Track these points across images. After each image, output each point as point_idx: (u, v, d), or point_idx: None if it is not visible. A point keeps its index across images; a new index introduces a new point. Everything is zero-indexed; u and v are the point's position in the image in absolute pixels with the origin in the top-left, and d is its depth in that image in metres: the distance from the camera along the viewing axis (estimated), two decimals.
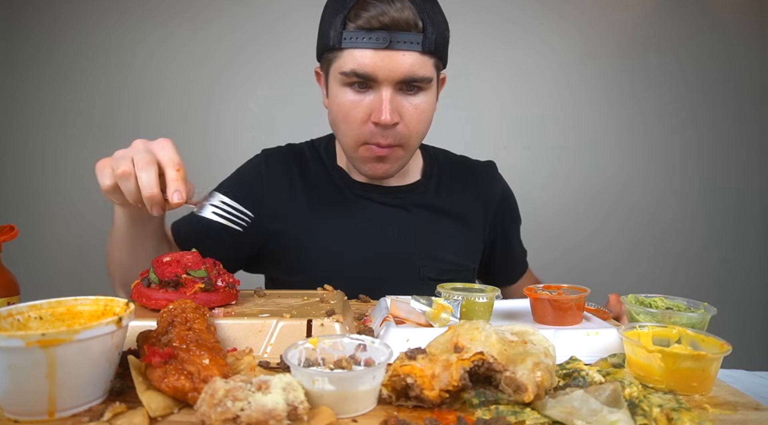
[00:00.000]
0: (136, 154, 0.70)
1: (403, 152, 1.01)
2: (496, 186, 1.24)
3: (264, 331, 0.63)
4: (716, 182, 2.42)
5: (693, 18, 2.37)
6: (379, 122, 0.93)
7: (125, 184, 0.70)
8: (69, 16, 2.34)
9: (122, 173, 0.69)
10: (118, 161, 0.70)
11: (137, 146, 0.71)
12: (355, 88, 0.94)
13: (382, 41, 0.88)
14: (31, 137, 2.38)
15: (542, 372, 0.50)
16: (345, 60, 0.92)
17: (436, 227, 1.14)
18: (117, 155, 0.71)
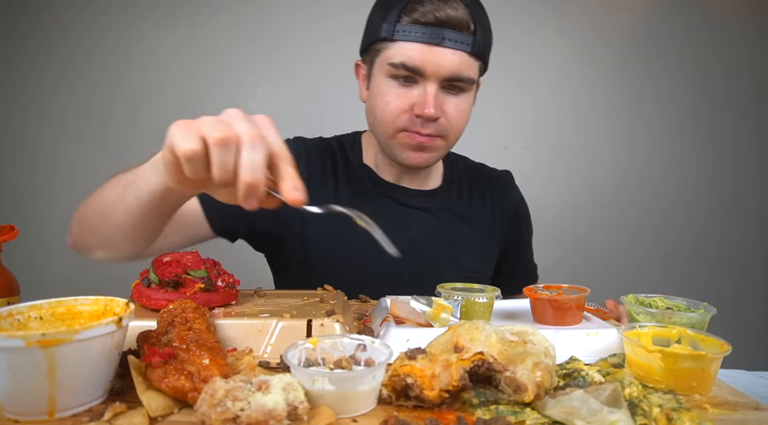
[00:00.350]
0: (239, 123, 0.54)
1: (443, 143, 1.02)
2: (513, 196, 1.26)
3: (264, 331, 0.63)
4: (716, 182, 2.42)
5: (693, 18, 2.37)
6: (422, 115, 0.94)
7: (222, 154, 0.53)
8: (68, 17, 2.34)
9: (223, 138, 0.52)
10: (213, 125, 0.53)
11: (236, 115, 0.56)
12: (401, 82, 0.96)
13: (435, 37, 0.91)
14: (30, 136, 2.38)
15: (542, 372, 0.50)
16: (395, 52, 0.94)
17: (458, 233, 1.15)
18: (207, 120, 0.55)
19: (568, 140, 2.41)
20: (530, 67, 2.37)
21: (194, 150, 0.53)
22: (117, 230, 0.75)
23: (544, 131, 2.42)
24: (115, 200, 0.72)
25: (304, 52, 2.30)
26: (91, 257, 0.87)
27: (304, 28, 2.29)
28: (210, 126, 0.54)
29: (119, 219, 0.73)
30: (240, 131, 0.53)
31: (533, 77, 2.38)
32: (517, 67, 2.37)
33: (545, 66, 2.38)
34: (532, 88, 2.39)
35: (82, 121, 2.33)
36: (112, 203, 0.73)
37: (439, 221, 1.14)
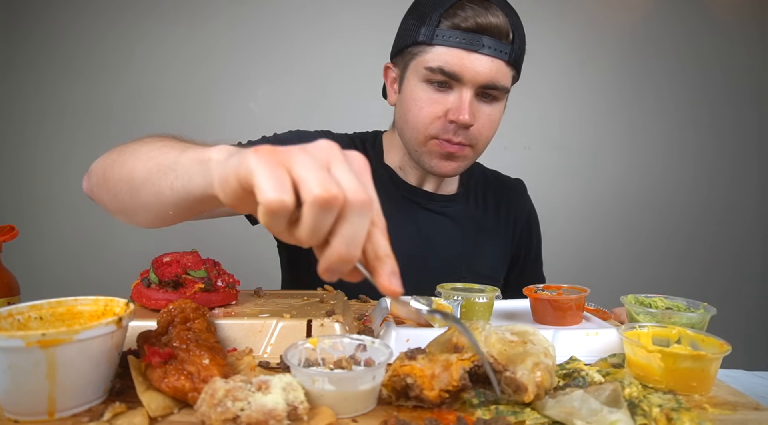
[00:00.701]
0: (342, 173, 0.42)
1: (472, 153, 1.02)
2: (526, 206, 1.27)
3: (264, 331, 0.63)
4: (716, 182, 2.42)
5: (692, 18, 2.37)
6: (457, 121, 0.94)
7: (320, 219, 0.40)
8: (67, 17, 2.34)
9: (328, 200, 0.40)
10: (313, 173, 0.41)
11: (336, 156, 0.44)
12: (435, 87, 0.96)
13: (475, 43, 0.90)
14: (30, 137, 2.38)
15: (542, 372, 0.50)
16: (433, 56, 0.93)
17: (475, 239, 1.15)
18: (302, 160, 0.42)
19: (568, 140, 2.41)
20: (530, 67, 2.35)
21: (283, 204, 0.40)
22: (141, 208, 0.66)
23: (544, 131, 2.42)
24: (146, 180, 0.62)
25: (304, 51, 2.30)
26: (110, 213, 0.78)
27: (303, 27, 2.29)
28: (309, 173, 0.40)
29: (147, 200, 0.63)
30: (347, 189, 0.41)
31: (533, 77, 2.37)
32: None
33: (545, 66, 2.38)
34: (532, 88, 2.39)
35: (81, 121, 2.33)
36: (143, 180, 0.62)
37: (458, 227, 1.14)
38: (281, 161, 0.41)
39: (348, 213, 0.41)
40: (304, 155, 0.42)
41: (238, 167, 0.42)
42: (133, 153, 0.67)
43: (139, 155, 0.65)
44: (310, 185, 0.40)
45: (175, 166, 0.57)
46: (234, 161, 0.44)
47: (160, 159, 0.61)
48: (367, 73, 2.17)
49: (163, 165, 0.60)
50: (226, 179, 0.44)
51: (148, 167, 0.62)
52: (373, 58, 2.06)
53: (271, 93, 2.35)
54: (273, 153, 0.42)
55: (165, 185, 0.58)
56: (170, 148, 0.62)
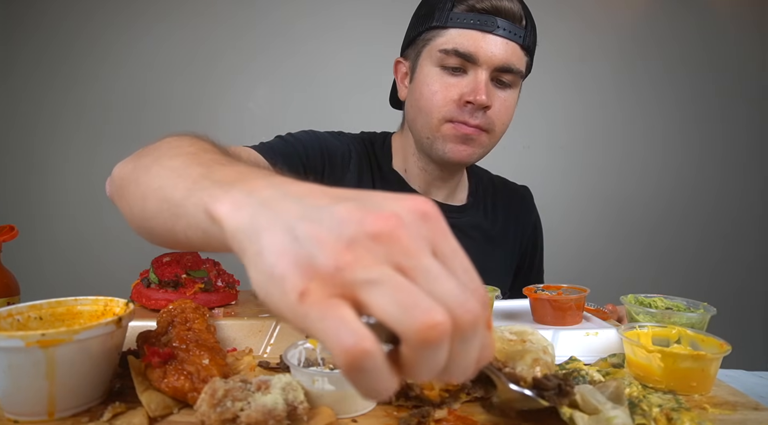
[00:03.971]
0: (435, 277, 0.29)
1: (487, 140, 0.99)
2: (532, 214, 1.25)
3: (264, 331, 0.63)
4: (716, 182, 2.42)
5: (693, 18, 2.37)
6: (474, 101, 0.91)
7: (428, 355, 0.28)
8: (68, 17, 2.34)
9: (438, 337, 0.27)
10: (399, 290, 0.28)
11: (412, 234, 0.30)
12: (450, 71, 0.94)
13: (490, 24, 0.90)
14: (30, 136, 2.38)
15: (542, 367, 0.50)
16: (447, 38, 0.92)
17: (484, 251, 1.14)
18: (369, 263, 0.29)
19: (568, 139, 2.41)
20: None
21: (368, 353, 0.27)
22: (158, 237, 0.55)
23: (544, 131, 2.42)
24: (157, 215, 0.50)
25: (304, 51, 2.30)
26: None
27: (303, 27, 2.29)
28: (391, 299, 0.27)
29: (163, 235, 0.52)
30: (452, 305, 0.28)
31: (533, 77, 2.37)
32: None
33: (545, 66, 2.37)
34: (532, 88, 2.38)
35: (82, 121, 2.33)
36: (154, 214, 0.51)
37: (469, 240, 1.11)
38: (343, 290, 0.28)
39: (463, 338, 0.29)
40: (378, 267, 0.28)
41: (284, 309, 0.30)
42: (147, 170, 0.56)
43: (152, 175, 0.54)
44: (399, 322, 0.27)
45: (183, 211, 0.44)
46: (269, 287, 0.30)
47: (167, 192, 0.48)
48: (368, 73, 2.17)
49: (171, 204, 0.47)
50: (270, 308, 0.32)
51: (157, 198, 0.50)
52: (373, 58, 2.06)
53: (270, 93, 2.35)
54: (327, 283, 0.28)
55: (178, 230, 0.46)
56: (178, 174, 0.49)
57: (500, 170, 1.30)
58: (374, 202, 0.32)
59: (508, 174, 1.31)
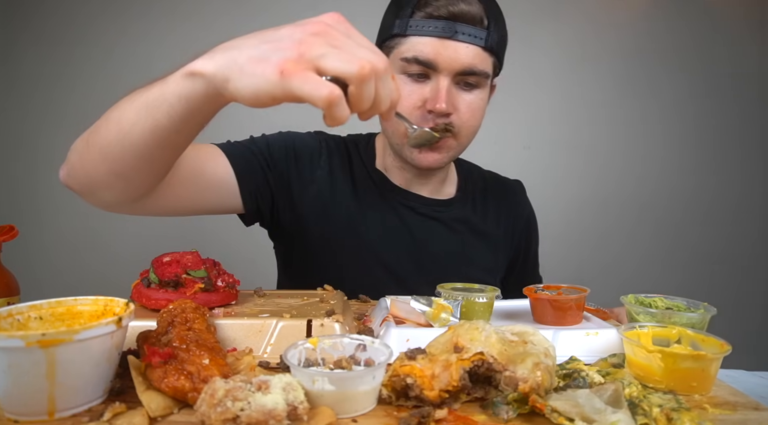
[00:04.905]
0: (361, 50, 0.52)
1: (455, 143, 1.00)
2: (525, 208, 1.25)
3: (264, 331, 0.63)
4: (716, 182, 2.42)
5: (693, 17, 2.37)
6: (434, 110, 0.93)
7: (366, 88, 0.51)
8: (70, 15, 2.34)
9: (366, 74, 0.50)
10: (343, 59, 0.50)
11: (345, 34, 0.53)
12: (413, 78, 0.95)
13: (448, 31, 0.90)
14: (30, 136, 2.38)
15: (542, 372, 0.50)
16: (408, 47, 0.93)
17: (470, 244, 1.14)
18: (326, 56, 0.50)
19: (568, 139, 2.41)
20: (530, 66, 2.37)
21: (336, 98, 0.49)
22: (135, 153, 0.67)
23: (544, 131, 2.42)
24: (137, 121, 0.64)
25: None
26: (86, 197, 0.79)
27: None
28: (338, 62, 0.50)
29: (142, 140, 0.65)
30: (370, 60, 0.51)
31: (533, 77, 2.38)
32: (516, 67, 2.36)
33: (545, 65, 2.38)
34: (532, 88, 2.39)
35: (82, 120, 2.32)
36: (133, 123, 0.64)
37: (452, 233, 1.12)
38: (308, 65, 0.50)
39: (380, 79, 0.53)
40: (320, 47, 0.50)
41: (272, 89, 0.50)
42: (112, 112, 0.70)
43: (120, 109, 0.68)
44: (346, 71, 0.50)
45: (162, 97, 0.60)
46: (253, 82, 0.51)
47: (143, 99, 0.63)
48: None
49: (150, 101, 0.62)
50: (257, 97, 0.52)
51: (134, 109, 0.64)
52: None
53: None
54: (297, 62, 0.49)
55: (161, 116, 0.61)
56: (146, 89, 0.64)
57: (500, 170, 1.31)
58: (305, 20, 0.53)
59: (508, 174, 1.31)
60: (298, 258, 1.13)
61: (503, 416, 0.48)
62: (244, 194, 0.98)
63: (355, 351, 0.55)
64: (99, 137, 0.70)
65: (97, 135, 0.71)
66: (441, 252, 1.10)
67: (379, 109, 0.55)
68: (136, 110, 0.64)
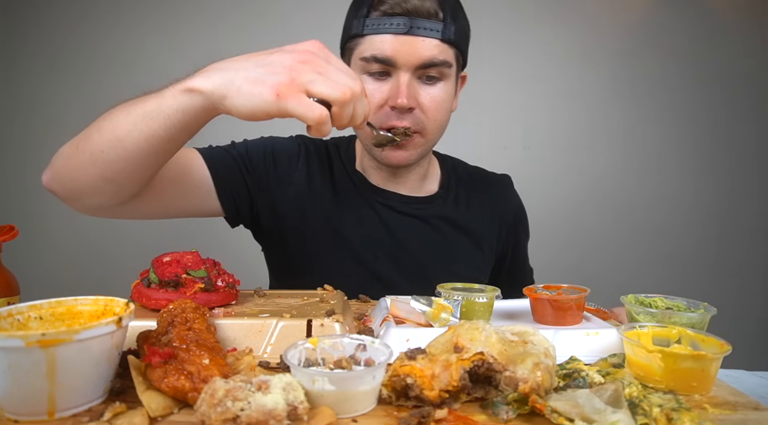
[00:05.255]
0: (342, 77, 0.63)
1: (422, 140, 1.00)
2: (512, 201, 1.24)
3: (264, 331, 0.63)
4: (715, 183, 2.43)
5: (693, 19, 2.37)
6: (396, 105, 0.94)
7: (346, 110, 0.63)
8: (71, 15, 2.34)
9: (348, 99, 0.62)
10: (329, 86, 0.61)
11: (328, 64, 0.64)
12: (375, 77, 0.96)
13: (403, 27, 0.91)
14: (30, 136, 2.38)
15: (542, 372, 0.50)
16: (366, 46, 0.95)
17: (452, 241, 1.13)
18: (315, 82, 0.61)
19: (568, 140, 2.41)
20: (530, 66, 2.37)
21: (324, 118, 0.61)
22: (129, 160, 0.72)
23: (544, 131, 2.42)
24: (132, 130, 0.70)
25: None
26: (69, 201, 0.82)
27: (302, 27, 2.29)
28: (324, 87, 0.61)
29: (137, 147, 0.70)
30: (350, 86, 0.62)
31: (533, 77, 2.38)
32: (516, 67, 2.37)
33: (545, 66, 2.38)
34: (532, 88, 2.39)
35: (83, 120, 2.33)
36: (128, 131, 0.70)
37: (432, 230, 1.12)
38: (299, 89, 0.61)
39: (357, 100, 0.64)
40: (309, 74, 0.61)
41: (268, 108, 0.61)
42: (104, 121, 0.74)
43: (114, 119, 0.73)
44: (331, 96, 0.61)
45: (156, 109, 0.68)
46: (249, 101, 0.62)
47: (139, 110, 0.70)
48: None
49: (147, 112, 0.69)
50: (252, 114, 0.63)
51: (131, 118, 0.70)
52: None
53: None
54: (290, 86, 0.60)
55: (157, 125, 0.68)
56: (140, 101, 0.71)
57: (500, 170, 1.30)
58: (293, 47, 0.64)
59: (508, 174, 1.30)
60: (281, 259, 1.14)
61: (503, 416, 0.48)
62: (222, 196, 1.01)
63: (355, 351, 0.55)
64: (91, 144, 0.74)
65: (88, 142, 0.75)
66: (422, 250, 1.10)
67: (355, 123, 0.67)
68: (132, 120, 0.70)
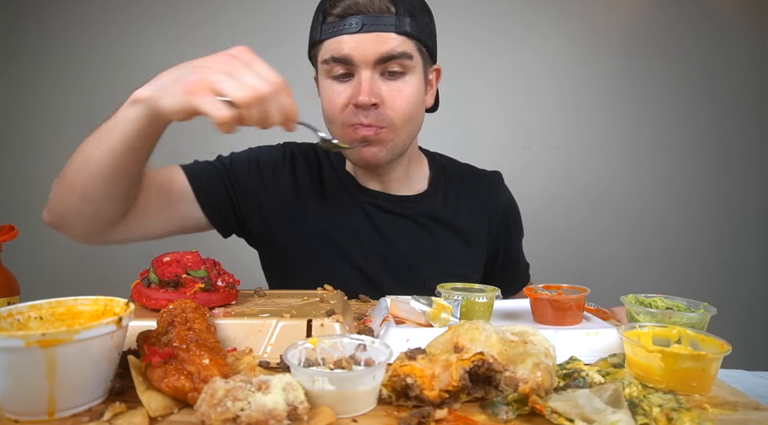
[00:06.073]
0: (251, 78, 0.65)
1: (390, 135, 1.00)
2: (502, 197, 1.24)
3: (264, 331, 0.63)
4: (716, 183, 2.42)
5: (693, 18, 2.37)
6: (357, 103, 0.95)
7: (254, 111, 0.66)
8: (68, 15, 2.34)
9: (251, 100, 0.64)
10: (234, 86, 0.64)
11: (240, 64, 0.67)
12: (339, 79, 0.98)
13: (356, 26, 0.94)
14: (30, 136, 2.38)
15: (542, 372, 0.50)
16: (325, 50, 0.98)
17: (441, 239, 1.13)
18: (221, 81, 0.64)
19: (568, 140, 2.41)
20: (530, 66, 2.37)
21: (227, 118, 0.64)
22: (97, 178, 0.78)
23: (544, 131, 2.42)
24: (95, 148, 0.77)
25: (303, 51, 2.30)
26: (62, 229, 0.89)
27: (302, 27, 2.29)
28: (229, 87, 0.64)
29: (100, 163, 0.77)
30: (256, 86, 0.65)
31: (533, 77, 2.38)
32: (516, 67, 2.37)
33: (545, 66, 2.38)
34: (532, 88, 2.39)
35: (82, 120, 2.32)
36: (92, 150, 0.77)
37: (421, 228, 1.12)
38: (207, 88, 0.64)
39: (268, 100, 0.66)
40: (218, 74, 0.65)
41: (183, 104, 0.66)
42: (80, 145, 0.81)
43: (85, 142, 0.80)
44: (233, 96, 0.63)
45: (113, 125, 0.75)
46: (171, 99, 0.67)
47: (97, 133, 0.78)
48: None
49: (102, 131, 0.77)
50: (175, 113, 0.67)
51: (94, 137, 0.78)
52: None
53: None
54: (199, 84, 0.64)
55: (114, 140, 0.75)
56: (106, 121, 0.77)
57: (500, 170, 1.30)
58: (222, 52, 0.70)
59: (508, 174, 1.30)
60: (274, 264, 1.16)
61: (503, 416, 0.48)
62: (205, 207, 1.04)
63: (355, 351, 0.55)
64: (69, 169, 0.81)
65: (67, 168, 0.82)
66: (411, 249, 1.11)
67: (268, 123, 0.69)
68: (96, 138, 0.77)
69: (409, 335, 0.65)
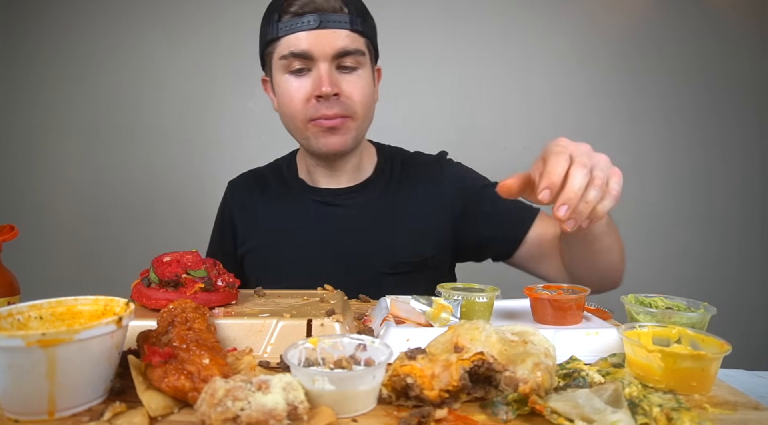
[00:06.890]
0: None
1: (353, 123, 1.05)
2: (445, 171, 1.20)
3: (264, 331, 0.63)
4: (716, 182, 2.42)
5: (693, 18, 2.37)
6: (321, 94, 1.00)
7: None
8: (69, 17, 2.34)
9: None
10: None
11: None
12: (296, 75, 1.03)
13: (313, 23, 0.99)
14: (31, 136, 2.38)
15: (542, 372, 0.50)
16: (283, 46, 1.01)
17: (388, 227, 1.14)
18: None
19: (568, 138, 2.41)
20: (530, 66, 2.37)
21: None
22: None
23: (544, 131, 2.41)
24: None
25: None
26: None
27: None
28: None
29: None
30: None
31: (532, 77, 2.38)
32: (516, 67, 2.37)
33: (545, 65, 2.38)
34: (532, 88, 2.39)
35: (82, 121, 2.33)
36: None
37: (366, 217, 1.14)
38: None
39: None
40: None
41: None
42: None
43: None
44: None
45: None
46: None
47: None
48: None
49: None
50: None
51: None
52: None
53: None
54: None
55: None
56: None
57: (500, 170, 1.29)
58: None
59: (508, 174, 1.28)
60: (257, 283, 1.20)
61: (503, 416, 0.48)
62: None
63: (355, 351, 0.55)
64: None
65: None
66: (360, 241, 1.12)
67: None
68: None
69: (409, 335, 0.65)
